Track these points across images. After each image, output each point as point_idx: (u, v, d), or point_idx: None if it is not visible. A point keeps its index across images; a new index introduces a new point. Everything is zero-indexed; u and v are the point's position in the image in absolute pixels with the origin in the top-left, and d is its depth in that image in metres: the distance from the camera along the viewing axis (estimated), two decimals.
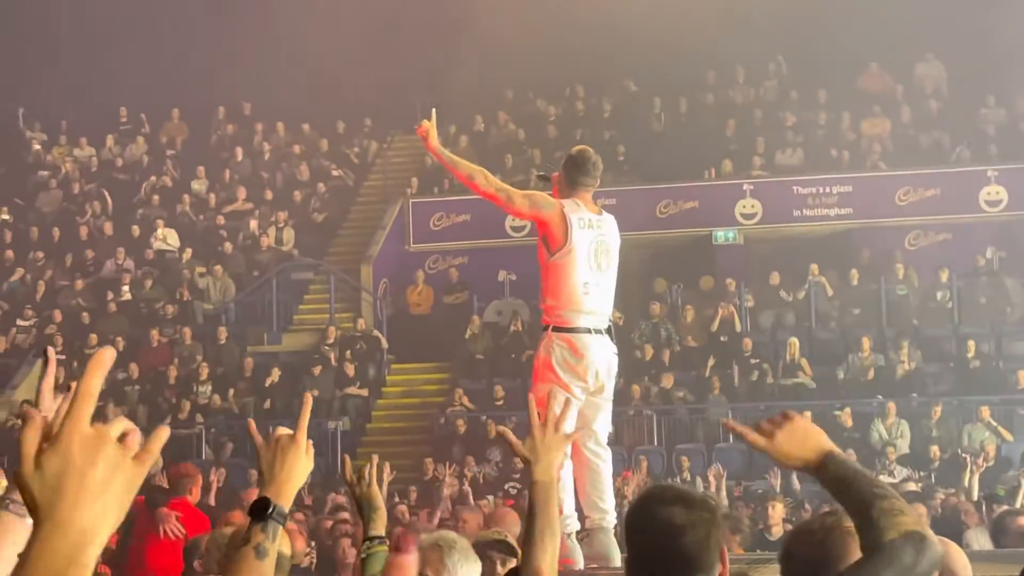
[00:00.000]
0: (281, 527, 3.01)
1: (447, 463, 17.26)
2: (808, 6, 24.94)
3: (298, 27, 27.59)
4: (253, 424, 3.31)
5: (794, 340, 21.93)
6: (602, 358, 7.37)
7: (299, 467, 3.10)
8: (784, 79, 27.79)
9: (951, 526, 10.59)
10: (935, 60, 27.17)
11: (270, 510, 2.99)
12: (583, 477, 7.42)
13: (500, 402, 21.68)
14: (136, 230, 26.66)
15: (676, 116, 27.50)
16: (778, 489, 14.77)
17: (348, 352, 23.29)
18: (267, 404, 22.37)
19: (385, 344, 23.89)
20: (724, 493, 13.84)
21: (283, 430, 3.15)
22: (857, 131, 26.36)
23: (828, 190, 24.86)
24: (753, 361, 21.86)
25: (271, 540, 2.98)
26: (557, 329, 7.33)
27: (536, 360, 7.44)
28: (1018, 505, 12.41)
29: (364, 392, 22.95)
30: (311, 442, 3.16)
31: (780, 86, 27.74)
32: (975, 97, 26.21)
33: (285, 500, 3.04)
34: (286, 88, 28.17)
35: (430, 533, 4.92)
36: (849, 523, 3.11)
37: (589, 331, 7.34)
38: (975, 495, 13.86)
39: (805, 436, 3.11)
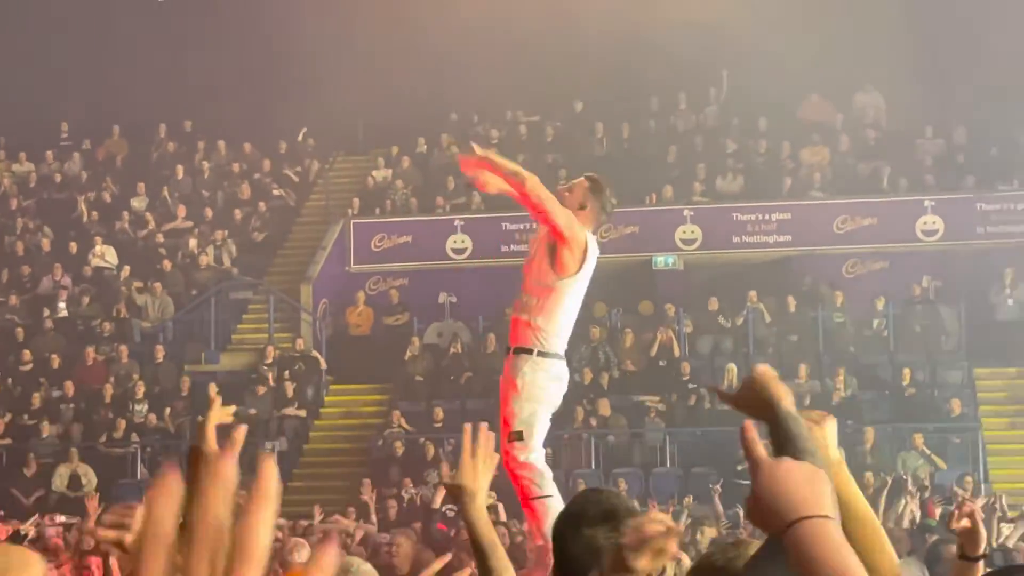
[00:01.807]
0: None
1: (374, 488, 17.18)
2: (750, 35, 25.14)
3: (241, 46, 27.51)
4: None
5: (732, 366, 22.03)
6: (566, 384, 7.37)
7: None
8: (725, 106, 27.98)
9: None
10: (874, 90, 27.45)
11: None
12: None
13: (439, 424, 21.62)
14: (74, 246, 26.42)
15: (618, 141, 27.61)
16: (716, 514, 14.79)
17: (286, 372, 23.19)
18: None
19: (324, 365, 23.82)
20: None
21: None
22: (797, 159, 26.56)
23: (767, 217, 25.03)
24: (691, 386, 21.96)
25: None
26: (543, 354, 7.17)
27: (509, 381, 7.15)
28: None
29: (302, 413, 22.84)
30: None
31: (721, 113, 27.91)
32: (913, 128, 26.52)
33: None
34: (228, 107, 28.06)
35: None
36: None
37: (563, 358, 7.31)
38: (904, 523, 13.95)
39: (761, 390, 2.99)
